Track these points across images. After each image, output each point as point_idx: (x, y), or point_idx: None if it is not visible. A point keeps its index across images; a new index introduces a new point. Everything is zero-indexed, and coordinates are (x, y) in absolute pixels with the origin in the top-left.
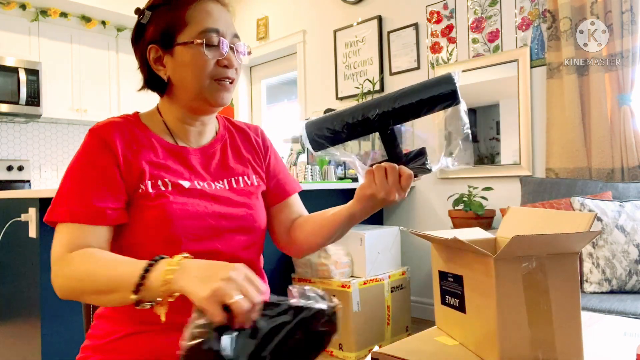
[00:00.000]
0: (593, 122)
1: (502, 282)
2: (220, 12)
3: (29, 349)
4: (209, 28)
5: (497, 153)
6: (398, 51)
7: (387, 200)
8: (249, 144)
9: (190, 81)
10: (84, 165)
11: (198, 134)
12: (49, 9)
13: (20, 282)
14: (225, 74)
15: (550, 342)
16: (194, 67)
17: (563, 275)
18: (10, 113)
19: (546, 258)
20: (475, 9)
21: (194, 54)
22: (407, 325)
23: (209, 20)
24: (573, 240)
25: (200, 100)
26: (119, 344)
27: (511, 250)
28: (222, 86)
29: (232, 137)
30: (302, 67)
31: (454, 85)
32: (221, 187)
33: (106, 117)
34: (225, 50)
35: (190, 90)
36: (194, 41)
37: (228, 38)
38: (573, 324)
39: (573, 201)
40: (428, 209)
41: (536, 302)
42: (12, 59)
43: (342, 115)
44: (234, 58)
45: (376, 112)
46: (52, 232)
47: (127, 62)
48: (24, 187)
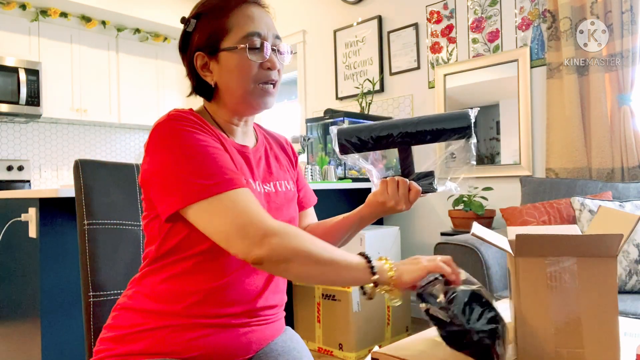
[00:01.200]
0: (593, 122)
1: (523, 279)
2: (261, 15)
3: (29, 349)
4: (251, 32)
5: (497, 153)
6: (398, 51)
7: (395, 209)
8: (284, 152)
9: (235, 86)
10: (196, 144)
11: (244, 135)
12: (49, 9)
13: (20, 282)
14: (269, 77)
15: (579, 345)
16: (239, 72)
17: (596, 279)
18: (10, 113)
19: (578, 260)
20: (475, 9)
21: (238, 59)
22: (407, 325)
23: (251, 24)
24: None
25: (245, 104)
26: (142, 336)
27: (529, 249)
28: (266, 90)
29: (269, 143)
30: (302, 67)
31: (469, 122)
32: (269, 190)
33: (106, 117)
34: (267, 53)
35: (236, 94)
36: (237, 46)
37: (270, 40)
38: (606, 329)
39: (573, 201)
40: (428, 209)
41: (563, 304)
42: (12, 59)
43: (371, 128)
44: (276, 60)
45: (400, 131)
46: (52, 232)
47: (127, 62)
48: (24, 187)
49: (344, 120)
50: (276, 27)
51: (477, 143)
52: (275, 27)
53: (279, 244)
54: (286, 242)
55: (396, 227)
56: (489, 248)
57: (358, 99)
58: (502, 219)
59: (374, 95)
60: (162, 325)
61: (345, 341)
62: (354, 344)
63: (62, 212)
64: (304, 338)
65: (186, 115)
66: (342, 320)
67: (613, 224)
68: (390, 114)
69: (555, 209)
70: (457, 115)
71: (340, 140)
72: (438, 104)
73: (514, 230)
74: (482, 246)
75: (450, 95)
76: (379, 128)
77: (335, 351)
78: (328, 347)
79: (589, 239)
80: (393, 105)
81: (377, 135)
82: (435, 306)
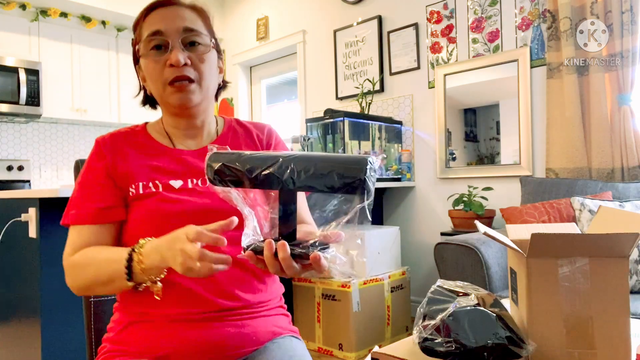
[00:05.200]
0: (593, 122)
1: (535, 280)
2: (167, 11)
3: (29, 349)
4: (151, 32)
5: (497, 153)
6: (398, 51)
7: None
8: (250, 141)
9: (154, 90)
10: (85, 173)
11: (194, 137)
12: (49, 9)
13: (20, 282)
14: (174, 75)
15: (590, 347)
16: (150, 77)
17: (608, 279)
18: (10, 113)
19: (590, 260)
20: (475, 9)
21: (145, 62)
22: (407, 325)
23: (153, 24)
24: (607, 242)
25: (166, 106)
26: (123, 335)
27: (543, 249)
28: (177, 88)
29: (235, 137)
30: (302, 67)
31: (363, 172)
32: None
33: (106, 117)
34: (168, 49)
35: (158, 99)
36: (143, 50)
37: (176, 35)
38: (618, 331)
39: (573, 201)
40: (428, 209)
41: (574, 305)
42: (12, 59)
43: (244, 157)
44: (180, 54)
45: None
46: (52, 232)
47: (127, 62)
48: (24, 187)
49: (344, 120)
50: (271, 22)
51: (478, 144)
52: (191, 19)
53: (66, 276)
54: (70, 280)
55: (396, 227)
56: (489, 248)
57: (358, 99)
58: (502, 219)
59: (374, 95)
60: (134, 321)
61: (345, 341)
62: (354, 344)
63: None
64: (303, 338)
65: (104, 138)
66: (342, 320)
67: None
68: (390, 113)
69: (555, 209)
70: (352, 160)
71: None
72: (438, 104)
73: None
74: (482, 246)
75: (450, 95)
76: (254, 159)
77: (335, 351)
78: (328, 347)
79: (604, 238)
80: (393, 105)
81: (250, 167)
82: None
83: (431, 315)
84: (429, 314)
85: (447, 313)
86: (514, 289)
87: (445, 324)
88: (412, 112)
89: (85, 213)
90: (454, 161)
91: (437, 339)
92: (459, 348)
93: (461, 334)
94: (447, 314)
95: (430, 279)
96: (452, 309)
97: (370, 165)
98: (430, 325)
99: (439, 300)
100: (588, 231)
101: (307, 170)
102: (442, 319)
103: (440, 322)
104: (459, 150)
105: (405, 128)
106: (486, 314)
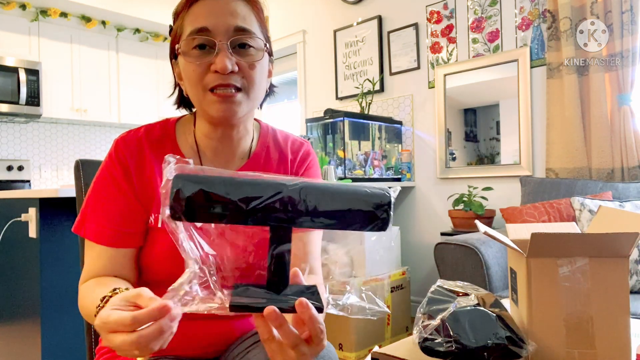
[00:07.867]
0: (593, 122)
1: (535, 280)
2: (216, 4)
3: (29, 349)
4: (195, 29)
5: (497, 153)
6: (398, 51)
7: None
8: (283, 169)
9: (191, 94)
10: (105, 178)
11: (225, 153)
12: (49, 9)
13: (20, 282)
14: (218, 82)
15: (590, 347)
16: (189, 79)
17: (608, 279)
18: (10, 113)
19: (590, 260)
20: (475, 9)
21: (184, 63)
22: (407, 325)
23: (200, 19)
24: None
25: (205, 114)
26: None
27: (543, 249)
28: (219, 96)
29: (268, 162)
30: (302, 67)
31: (388, 203)
32: None
33: (106, 117)
34: (215, 52)
35: (195, 104)
36: (184, 48)
37: (224, 35)
38: (618, 330)
39: (573, 201)
40: (428, 209)
41: (574, 305)
42: (12, 59)
43: (230, 182)
44: (228, 60)
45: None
46: (52, 232)
47: (127, 62)
48: (24, 187)
49: (344, 120)
50: (271, 22)
51: (478, 144)
52: (244, 15)
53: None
54: (79, 306)
55: (396, 227)
56: (489, 248)
57: (358, 99)
58: (502, 219)
59: (374, 95)
60: None
61: (345, 341)
62: (354, 344)
63: (62, 212)
64: None
65: (120, 143)
66: (342, 320)
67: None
68: (390, 113)
69: (555, 209)
70: (372, 194)
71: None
72: (438, 104)
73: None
74: (482, 246)
75: (450, 95)
76: (244, 185)
77: (335, 351)
78: None
79: (604, 238)
80: (393, 105)
81: (243, 196)
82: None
83: (431, 315)
84: (429, 314)
85: (447, 313)
86: (514, 289)
87: (445, 324)
88: (412, 112)
89: (106, 234)
90: (454, 161)
91: (437, 339)
92: (459, 348)
93: (461, 334)
94: (447, 314)
95: (430, 279)
96: (452, 309)
97: (392, 200)
98: (430, 325)
99: (439, 300)
100: (588, 231)
101: (321, 204)
102: (442, 319)
103: (440, 322)
104: (459, 150)
105: (405, 128)
106: (486, 314)
